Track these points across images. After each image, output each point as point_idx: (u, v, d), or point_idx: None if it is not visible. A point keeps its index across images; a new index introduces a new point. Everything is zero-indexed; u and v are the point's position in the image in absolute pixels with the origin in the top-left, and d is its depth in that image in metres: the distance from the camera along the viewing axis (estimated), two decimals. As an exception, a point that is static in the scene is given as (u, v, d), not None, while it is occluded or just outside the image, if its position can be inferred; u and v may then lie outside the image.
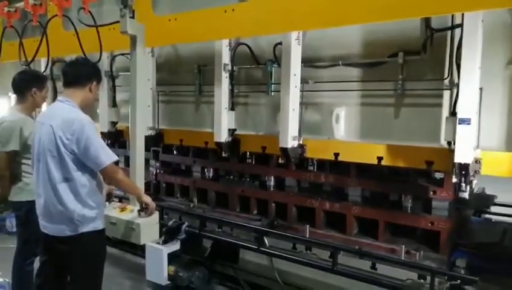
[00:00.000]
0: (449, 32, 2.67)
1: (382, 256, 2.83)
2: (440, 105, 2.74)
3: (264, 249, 3.26)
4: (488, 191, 3.81)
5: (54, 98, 4.91)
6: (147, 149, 3.31)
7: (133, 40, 2.81)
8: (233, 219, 3.61)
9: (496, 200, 3.79)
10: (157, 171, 4.44)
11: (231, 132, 3.57)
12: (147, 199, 2.63)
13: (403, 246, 2.82)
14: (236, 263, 3.58)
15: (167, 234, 3.53)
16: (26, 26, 3.78)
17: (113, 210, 2.79)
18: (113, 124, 4.45)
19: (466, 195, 2.52)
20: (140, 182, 2.82)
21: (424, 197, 2.93)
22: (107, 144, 4.69)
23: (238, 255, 3.55)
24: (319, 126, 3.29)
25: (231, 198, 3.86)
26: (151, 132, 4.01)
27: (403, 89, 2.86)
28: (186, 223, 3.63)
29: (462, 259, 2.61)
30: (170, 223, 3.62)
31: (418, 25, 2.75)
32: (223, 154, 3.60)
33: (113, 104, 4.45)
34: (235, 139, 3.60)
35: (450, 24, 2.64)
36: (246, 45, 3.49)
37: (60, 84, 4.84)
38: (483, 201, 3.51)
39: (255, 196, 3.72)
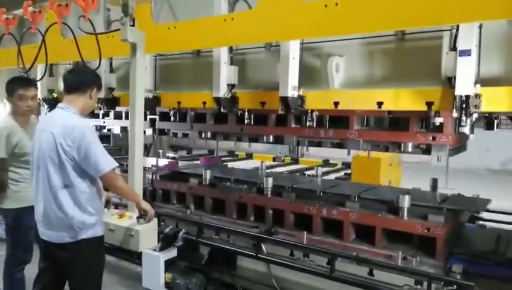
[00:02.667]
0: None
1: (379, 262, 2.86)
2: (440, 47, 2.73)
3: (261, 255, 3.27)
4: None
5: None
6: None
7: (133, 47, 2.83)
8: (231, 226, 3.61)
9: (491, 207, 3.85)
10: (154, 177, 4.45)
11: (230, 87, 3.49)
12: (146, 205, 2.64)
13: (400, 252, 2.84)
14: (234, 269, 3.58)
15: (164, 241, 3.52)
16: (24, 33, 3.79)
17: (112, 217, 2.79)
18: (110, 90, 4.41)
19: (466, 130, 2.54)
20: (138, 189, 2.82)
21: (424, 144, 2.90)
22: (105, 112, 4.56)
23: (236, 262, 3.56)
24: (319, 75, 3.25)
25: (228, 205, 3.87)
26: (148, 95, 3.94)
27: (402, 33, 2.86)
28: (183, 230, 3.63)
29: (458, 265, 2.65)
30: (167, 230, 3.62)
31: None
32: (222, 110, 3.51)
33: (110, 69, 4.42)
34: (234, 96, 3.53)
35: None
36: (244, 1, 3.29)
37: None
38: (477, 205, 3.57)
39: (252, 202, 3.74)
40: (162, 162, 5.13)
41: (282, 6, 2.56)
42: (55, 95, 5.04)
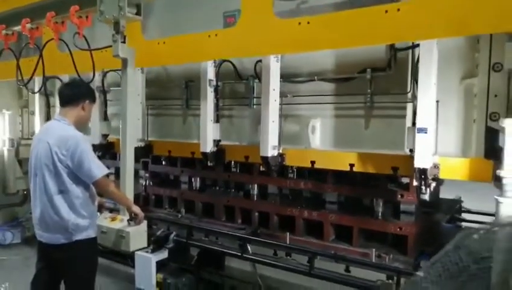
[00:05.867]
0: (410, 51, 2.95)
1: (355, 259, 3.06)
2: (404, 116, 3.01)
3: (247, 255, 3.47)
4: (465, 199, 4.13)
5: (47, 112, 5.18)
6: (136, 160, 3.51)
7: (124, 62, 3.04)
8: (219, 228, 3.82)
9: (473, 209, 4.08)
10: (147, 183, 4.66)
11: (216, 142, 3.80)
12: (136, 209, 2.84)
13: (374, 250, 3.06)
14: (222, 269, 3.78)
15: (156, 243, 3.72)
16: (23, 48, 4.01)
17: (104, 220, 2.98)
18: (105, 136, 4.66)
19: (426, 197, 2.78)
20: (129, 193, 3.02)
21: (393, 201, 3.20)
22: (99, 156, 4.92)
23: (224, 262, 3.76)
24: (297, 136, 3.54)
25: (217, 208, 4.07)
26: (140, 144, 4.22)
27: (371, 101, 3.14)
28: (174, 233, 3.83)
29: (426, 261, 2.85)
30: (159, 232, 3.82)
31: (384, 46, 3.04)
32: (209, 164, 3.81)
33: (105, 117, 4.68)
34: (220, 149, 3.82)
35: (410, 44, 2.92)
36: (229, 62, 3.73)
37: (52, 99, 5.10)
38: (450, 205, 3.79)
39: (239, 205, 3.94)
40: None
41: (261, 23, 2.79)
42: None
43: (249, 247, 3.52)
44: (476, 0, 2.00)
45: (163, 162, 4.59)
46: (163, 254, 3.68)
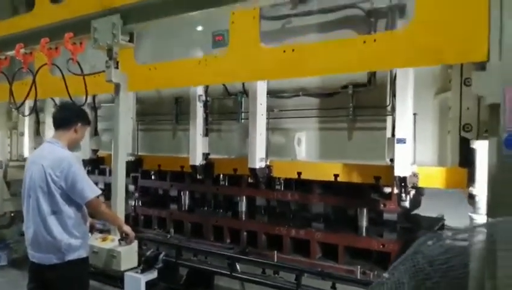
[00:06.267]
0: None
1: (341, 276, 3.16)
2: (384, 128, 3.19)
3: (236, 274, 3.53)
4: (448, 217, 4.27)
5: (37, 129, 5.27)
6: (126, 175, 3.55)
7: (117, 87, 3.15)
8: (208, 248, 3.88)
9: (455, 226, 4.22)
10: (136, 203, 4.71)
11: (205, 156, 3.93)
12: (127, 228, 2.91)
13: (359, 267, 3.16)
14: (211, 288, 3.83)
15: (145, 263, 3.76)
16: (14, 71, 4.09)
17: (95, 240, 3.03)
18: (95, 151, 4.74)
19: (406, 204, 2.95)
20: (121, 213, 3.08)
21: (376, 210, 3.38)
22: (88, 171, 4.99)
23: (213, 281, 3.81)
24: (284, 148, 3.70)
25: (206, 228, 4.14)
26: (130, 158, 4.28)
27: (353, 115, 3.33)
28: (163, 253, 3.87)
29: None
30: (148, 253, 3.86)
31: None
32: (198, 177, 3.92)
33: (95, 132, 4.78)
34: (209, 163, 3.95)
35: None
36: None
37: (42, 115, 5.14)
38: (432, 223, 3.93)
39: (228, 225, 4.03)
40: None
41: (248, 51, 2.96)
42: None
43: (237, 266, 3.58)
44: (445, 34, 2.20)
45: (153, 177, 4.68)
46: (153, 274, 3.71)
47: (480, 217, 2.38)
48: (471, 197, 2.48)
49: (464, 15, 2.16)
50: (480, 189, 2.37)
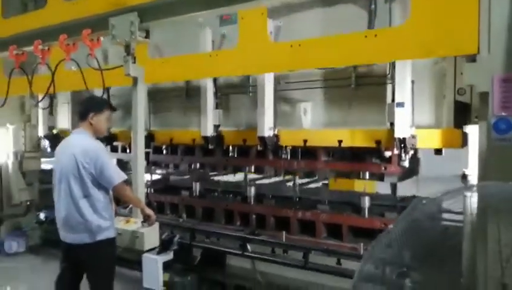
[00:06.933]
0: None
1: (345, 252, 3.43)
2: (385, 96, 3.40)
3: (247, 253, 3.80)
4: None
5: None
6: None
7: (135, 80, 3.38)
8: (220, 230, 4.14)
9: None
10: (149, 191, 4.96)
11: (216, 127, 4.17)
12: (149, 211, 3.16)
13: (362, 244, 3.43)
14: (224, 268, 4.10)
15: (161, 245, 4.01)
16: (31, 65, 4.30)
17: (119, 223, 3.29)
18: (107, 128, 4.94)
19: (406, 163, 3.22)
20: (142, 196, 3.34)
21: (378, 173, 3.64)
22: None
23: (225, 261, 4.07)
24: (291, 117, 3.93)
25: (217, 212, 4.40)
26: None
27: (356, 84, 3.54)
28: (177, 236, 4.13)
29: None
30: (163, 236, 4.11)
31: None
32: (209, 147, 4.16)
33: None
34: (219, 135, 4.19)
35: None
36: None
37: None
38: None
39: (237, 209, 4.29)
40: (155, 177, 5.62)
41: (257, 45, 3.18)
42: (55, 131, 5.56)
43: (248, 246, 3.85)
44: (438, 30, 2.43)
45: (164, 151, 4.88)
46: (169, 256, 3.97)
47: (473, 194, 2.63)
48: (464, 177, 2.74)
49: (456, 12, 2.39)
50: (472, 169, 2.62)
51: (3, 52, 4.35)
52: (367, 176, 3.71)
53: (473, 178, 2.66)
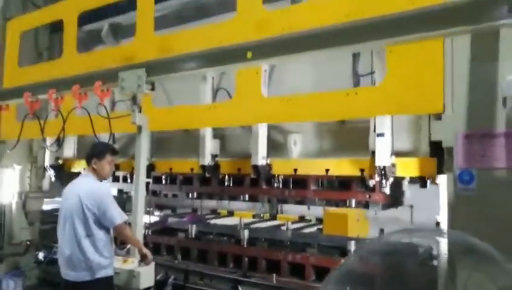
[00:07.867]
0: (370, 76, 3.59)
1: (332, 296, 3.57)
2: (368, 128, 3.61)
3: (238, 296, 3.93)
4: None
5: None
6: None
7: (140, 128, 3.69)
8: (213, 272, 4.28)
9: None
10: (146, 232, 5.12)
11: (213, 156, 4.45)
12: (146, 251, 3.35)
13: (348, 288, 3.57)
14: (216, 310, 4.19)
15: (155, 286, 4.14)
16: (42, 110, 4.66)
17: (118, 262, 3.46)
18: None
19: (387, 190, 3.45)
20: (140, 238, 3.53)
21: (363, 200, 3.88)
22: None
23: (217, 303, 4.18)
24: (282, 147, 4.21)
25: (210, 254, 4.56)
26: None
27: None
28: (172, 277, 4.27)
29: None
30: (158, 277, 4.24)
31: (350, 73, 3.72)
32: (206, 175, 4.43)
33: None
34: (216, 164, 4.47)
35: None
36: (225, 90, 4.32)
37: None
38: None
39: (230, 251, 4.45)
40: (154, 219, 5.80)
41: (252, 99, 3.54)
42: (60, 161, 5.83)
43: (240, 288, 3.98)
44: (410, 91, 2.78)
45: (164, 181, 5.20)
46: (163, 297, 4.09)
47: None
48: (437, 224, 2.97)
49: (424, 75, 2.75)
50: (443, 216, 2.86)
51: (18, 99, 4.71)
52: (353, 204, 3.96)
53: (444, 225, 2.88)
